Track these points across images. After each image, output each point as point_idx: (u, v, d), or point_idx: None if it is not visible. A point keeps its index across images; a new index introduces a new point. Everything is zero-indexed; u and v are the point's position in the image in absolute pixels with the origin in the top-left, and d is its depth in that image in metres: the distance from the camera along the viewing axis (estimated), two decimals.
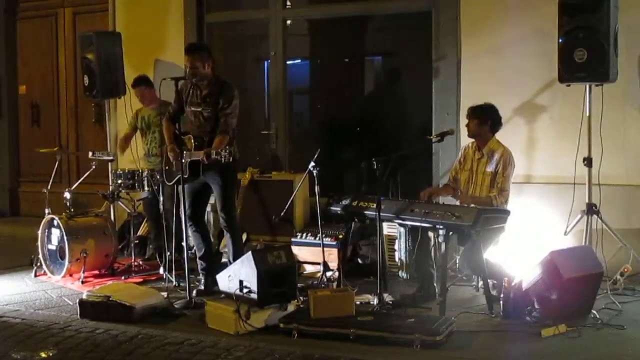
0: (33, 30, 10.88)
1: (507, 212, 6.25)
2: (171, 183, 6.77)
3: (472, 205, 6.27)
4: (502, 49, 7.56)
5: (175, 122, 6.73)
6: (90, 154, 8.02)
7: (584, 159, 6.77)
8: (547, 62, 7.04)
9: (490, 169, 6.55)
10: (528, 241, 6.78)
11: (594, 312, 5.76)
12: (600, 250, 6.58)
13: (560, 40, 6.62)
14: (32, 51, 10.90)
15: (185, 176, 6.42)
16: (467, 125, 6.67)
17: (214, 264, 6.87)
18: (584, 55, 6.48)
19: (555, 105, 7.37)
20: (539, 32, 7.28)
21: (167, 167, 6.83)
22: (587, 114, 6.73)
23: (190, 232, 6.73)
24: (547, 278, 5.68)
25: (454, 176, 6.89)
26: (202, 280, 6.80)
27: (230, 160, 6.25)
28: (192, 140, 6.52)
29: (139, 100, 8.30)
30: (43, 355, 4.36)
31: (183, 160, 6.37)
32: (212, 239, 7.15)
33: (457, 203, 6.67)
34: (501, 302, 5.83)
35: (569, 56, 6.55)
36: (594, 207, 6.72)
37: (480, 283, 6.45)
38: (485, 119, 6.59)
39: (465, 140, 6.97)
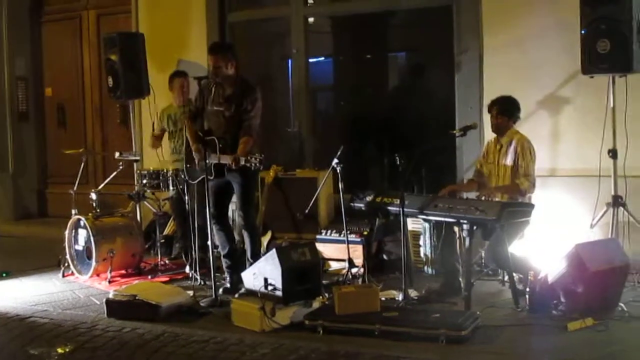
0: (58, 33, 10.98)
1: (532, 206, 6.21)
2: (194, 182, 6.79)
3: (499, 194, 6.24)
4: (524, 42, 7.50)
5: (195, 121, 6.67)
6: (116, 154, 8.05)
7: (609, 151, 6.70)
8: (570, 54, 6.98)
9: (509, 158, 6.56)
10: (553, 234, 6.74)
11: (621, 305, 5.71)
12: (627, 242, 6.52)
13: (582, 32, 6.55)
14: (57, 53, 10.99)
15: (211, 178, 6.43)
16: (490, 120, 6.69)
17: (239, 262, 6.88)
18: (607, 46, 6.41)
19: (579, 97, 7.31)
20: (561, 24, 7.22)
21: (189, 166, 6.77)
22: (611, 105, 6.67)
23: (214, 231, 6.74)
24: (573, 271, 5.64)
25: (478, 170, 6.91)
26: (228, 279, 6.83)
27: (261, 168, 6.25)
28: (218, 142, 6.36)
29: (176, 93, 8.09)
30: (60, 351, 4.45)
31: (208, 161, 6.35)
32: (236, 237, 7.16)
33: (482, 197, 6.66)
34: (527, 296, 5.82)
35: (592, 47, 6.48)
36: (620, 199, 6.67)
37: (506, 277, 6.43)
38: (503, 110, 6.60)
39: (489, 134, 6.95)
